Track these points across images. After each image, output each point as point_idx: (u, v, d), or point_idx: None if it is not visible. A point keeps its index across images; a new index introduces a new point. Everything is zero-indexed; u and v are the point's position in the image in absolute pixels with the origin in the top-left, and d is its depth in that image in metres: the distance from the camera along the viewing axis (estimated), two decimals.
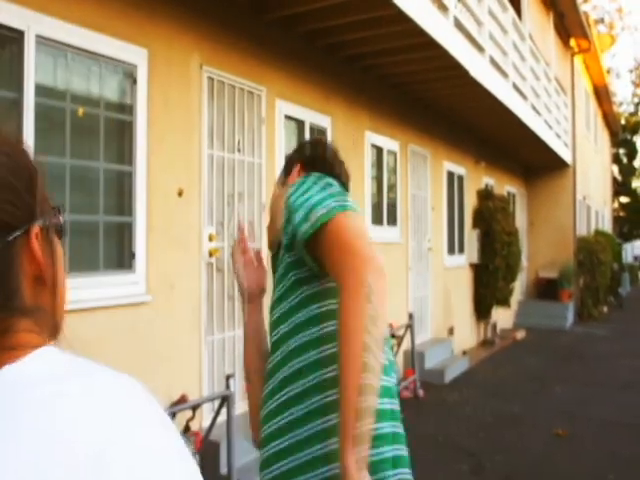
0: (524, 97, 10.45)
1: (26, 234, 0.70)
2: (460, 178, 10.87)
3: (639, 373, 9.22)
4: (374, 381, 1.31)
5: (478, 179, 11.86)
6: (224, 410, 4.01)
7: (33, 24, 3.43)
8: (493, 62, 8.51)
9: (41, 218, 0.74)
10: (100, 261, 3.91)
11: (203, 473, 0.71)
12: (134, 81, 4.13)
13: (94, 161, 3.88)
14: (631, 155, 31.68)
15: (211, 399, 4.35)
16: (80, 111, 3.82)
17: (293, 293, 1.58)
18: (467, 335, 10.95)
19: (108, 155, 3.98)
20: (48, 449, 0.57)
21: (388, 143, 7.96)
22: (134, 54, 4.09)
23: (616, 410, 7.20)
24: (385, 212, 7.96)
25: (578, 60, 17.59)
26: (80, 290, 3.67)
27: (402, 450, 1.55)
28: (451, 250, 10.39)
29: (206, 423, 4.34)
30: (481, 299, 11.40)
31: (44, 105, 3.55)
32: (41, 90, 3.52)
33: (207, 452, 4.16)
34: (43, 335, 0.73)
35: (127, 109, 4.12)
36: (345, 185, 1.85)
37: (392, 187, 8.28)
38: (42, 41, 3.50)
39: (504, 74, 9.10)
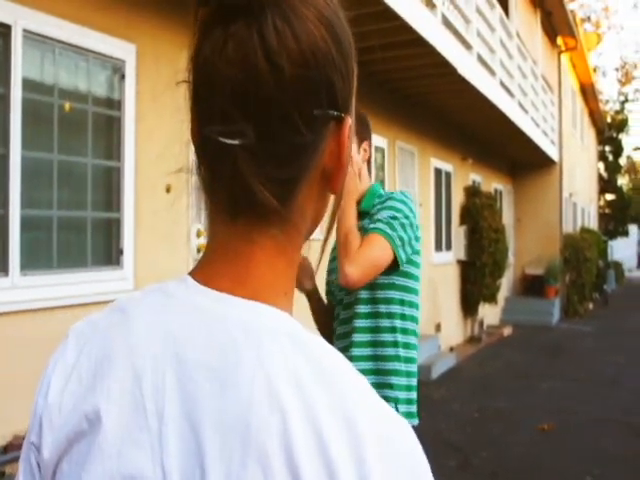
0: (511, 95, 10.50)
1: (341, 122, 0.63)
2: (447, 175, 10.91)
3: (624, 369, 9.31)
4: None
5: (465, 176, 11.91)
6: None
7: (20, 18, 3.41)
8: (481, 59, 8.54)
9: (352, 116, 0.66)
10: (88, 257, 3.90)
11: None
12: (122, 77, 4.12)
13: (82, 157, 3.87)
14: (617, 153, 31.86)
15: None
16: (68, 106, 3.81)
17: None
18: (454, 331, 11.00)
19: (96, 151, 3.97)
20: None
21: (376, 140, 7.97)
22: (122, 49, 4.08)
23: (601, 406, 7.27)
24: None
25: (565, 58, 17.69)
26: (68, 286, 3.66)
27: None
28: (438, 247, 10.42)
29: None
30: (468, 296, 11.46)
31: (31, 100, 3.53)
32: (28, 85, 3.50)
33: None
34: (292, 257, 0.65)
35: (115, 105, 4.10)
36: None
37: (381, 184, 8.29)
38: (29, 35, 3.48)
39: (491, 72, 9.14)
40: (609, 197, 31.64)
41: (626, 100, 38.40)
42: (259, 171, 0.59)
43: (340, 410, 0.52)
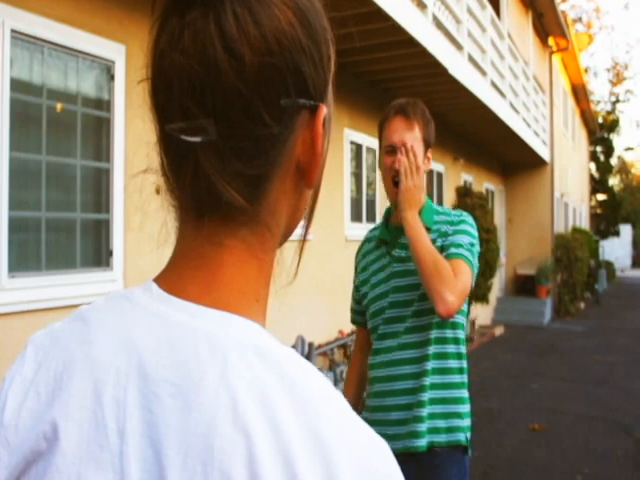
0: (503, 95, 10.52)
1: (314, 111, 0.59)
2: (439, 175, 10.92)
3: (614, 369, 9.35)
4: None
5: (457, 176, 11.93)
6: None
7: (8, 18, 3.39)
8: (472, 60, 8.56)
9: (328, 106, 0.62)
10: (77, 259, 3.89)
11: None
12: (112, 77, 4.10)
13: (71, 158, 3.85)
14: (608, 153, 32.00)
15: None
16: (58, 107, 3.79)
17: None
18: None
19: (85, 152, 3.95)
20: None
21: (367, 140, 7.98)
22: (112, 50, 4.06)
23: (591, 405, 7.29)
24: (365, 209, 7.98)
25: (556, 59, 17.74)
26: (57, 288, 3.65)
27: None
28: None
29: None
30: None
31: (20, 101, 3.51)
32: (17, 85, 3.48)
33: None
34: (264, 259, 0.61)
35: (105, 105, 4.09)
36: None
37: (371, 184, 8.30)
38: (17, 36, 3.46)
39: (482, 72, 9.16)
40: (600, 197, 31.75)
41: (617, 100, 38.63)
42: (224, 168, 0.55)
43: (312, 432, 0.48)
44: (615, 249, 35.46)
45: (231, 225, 0.58)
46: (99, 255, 4.07)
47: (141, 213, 4.24)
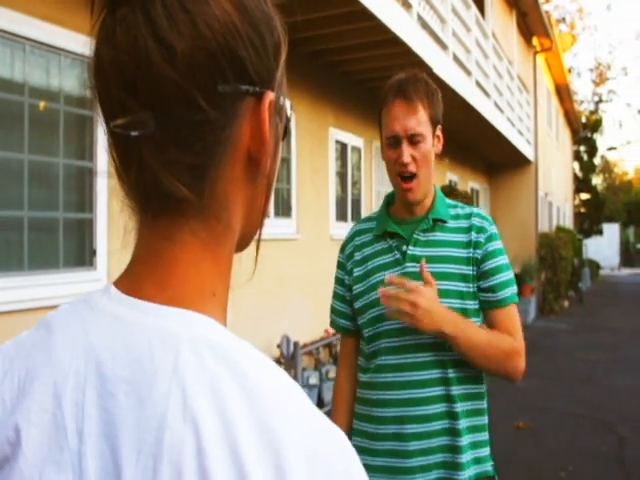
0: (487, 94, 10.57)
1: (259, 98, 0.58)
2: None
3: (598, 366, 9.42)
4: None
5: (442, 175, 11.96)
6: None
7: None
8: (456, 59, 8.58)
9: (277, 92, 0.61)
10: (60, 258, 3.85)
11: None
12: None
13: (54, 157, 3.82)
14: (591, 152, 32.27)
15: None
16: (41, 105, 3.75)
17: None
18: None
19: (68, 151, 3.91)
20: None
21: (352, 139, 7.98)
22: None
23: (576, 403, 7.34)
24: (349, 208, 7.98)
25: (540, 59, 17.85)
26: (39, 288, 3.61)
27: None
28: None
29: None
30: None
31: (1, 99, 3.47)
32: None
33: None
34: (219, 253, 0.60)
35: (87, 104, 4.05)
36: None
37: (356, 183, 8.30)
38: None
39: (467, 71, 9.19)
40: (584, 196, 32.02)
41: (600, 100, 38.97)
42: (165, 159, 0.55)
43: (262, 425, 0.48)
44: (604, 248, 35.21)
45: (180, 219, 0.58)
46: (82, 255, 4.03)
47: (125, 212, 4.22)
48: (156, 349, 0.52)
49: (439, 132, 1.93)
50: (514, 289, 1.86)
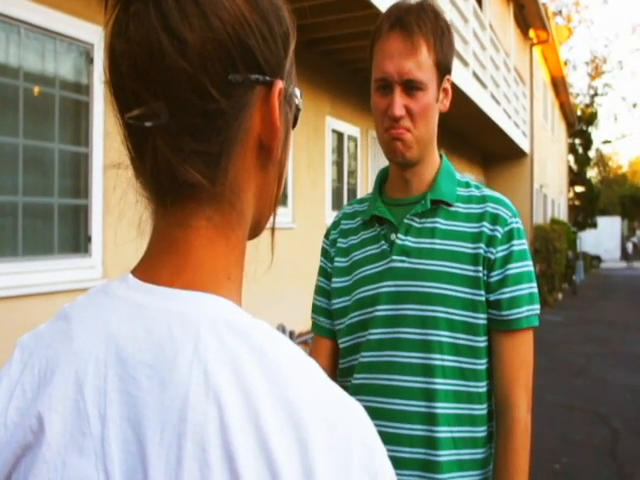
0: (484, 86, 10.55)
1: (269, 87, 0.60)
2: None
3: (592, 359, 9.45)
4: None
5: None
6: None
7: None
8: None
9: (286, 81, 0.64)
10: (55, 245, 3.82)
11: None
12: (91, 61, 4.03)
13: (49, 142, 3.78)
14: (586, 145, 32.36)
15: None
16: (35, 90, 3.72)
17: None
18: None
19: (63, 136, 3.88)
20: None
21: (349, 129, 7.96)
22: (91, 33, 3.98)
23: (569, 395, 7.36)
24: (345, 198, 7.96)
25: (537, 51, 17.84)
26: (34, 274, 3.59)
27: None
28: None
29: None
30: None
31: None
32: None
33: None
34: (233, 238, 0.61)
35: (83, 89, 4.01)
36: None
37: (353, 173, 8.29)
38: None
39: (464, 62, 9.17)
40: (579, 189, 32.11)
41: (596, 94, 39.01)
42: (179, 148, 0.57)
43: (282, 399, 0.50)
44: (605, 241, 34.47)
45: (195, 206, 0.59)
46: (77, 241, 4.01)
47: (121, 198, 4.19)
48: (176, 332, 0.53)
49: (447, 85, 1.54)
50: (535, 308, 1.44)
